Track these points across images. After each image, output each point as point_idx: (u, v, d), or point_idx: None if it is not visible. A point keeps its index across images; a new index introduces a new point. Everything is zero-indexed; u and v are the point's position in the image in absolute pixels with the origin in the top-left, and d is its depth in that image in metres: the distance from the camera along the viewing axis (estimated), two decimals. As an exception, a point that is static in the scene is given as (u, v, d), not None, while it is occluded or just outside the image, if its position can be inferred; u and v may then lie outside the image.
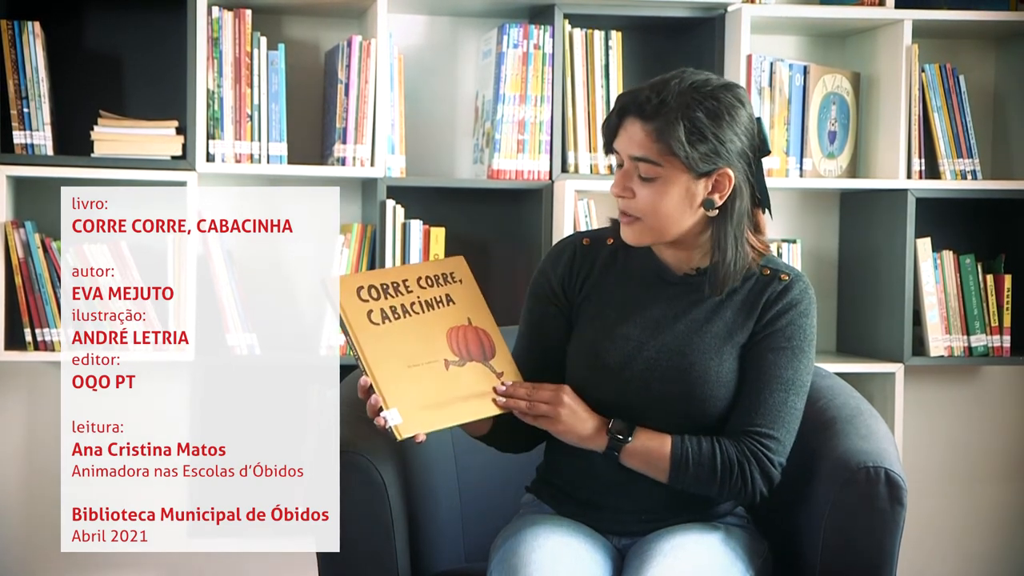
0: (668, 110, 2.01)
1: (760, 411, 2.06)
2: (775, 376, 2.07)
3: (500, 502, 2.37)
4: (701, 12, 3.35)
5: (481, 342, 2.09)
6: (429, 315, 2.06)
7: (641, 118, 2.02)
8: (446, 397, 2.02)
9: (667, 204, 2.04)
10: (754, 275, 2.12)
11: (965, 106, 3.43)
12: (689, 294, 2.12)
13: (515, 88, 3.25)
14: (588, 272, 2.17)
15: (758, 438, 2.06)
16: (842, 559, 2.08)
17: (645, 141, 2.02)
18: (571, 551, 2.02)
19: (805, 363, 2.10)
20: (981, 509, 3.74)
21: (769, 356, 2.08)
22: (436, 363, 2.04)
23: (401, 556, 2.13)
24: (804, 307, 2.10)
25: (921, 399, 3.68)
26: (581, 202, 3.23)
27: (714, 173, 2.04)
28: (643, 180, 2.04)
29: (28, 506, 3.34)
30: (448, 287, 2.10)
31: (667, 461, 2.04)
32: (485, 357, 2.08)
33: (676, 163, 2.02)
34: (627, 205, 2.07)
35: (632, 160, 2.04)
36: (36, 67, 3.07)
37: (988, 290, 3.44)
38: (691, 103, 2.01)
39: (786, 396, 2.08)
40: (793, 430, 2.10)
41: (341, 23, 3.40)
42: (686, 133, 2.00)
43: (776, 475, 2.07)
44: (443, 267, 2.12)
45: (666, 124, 2.00)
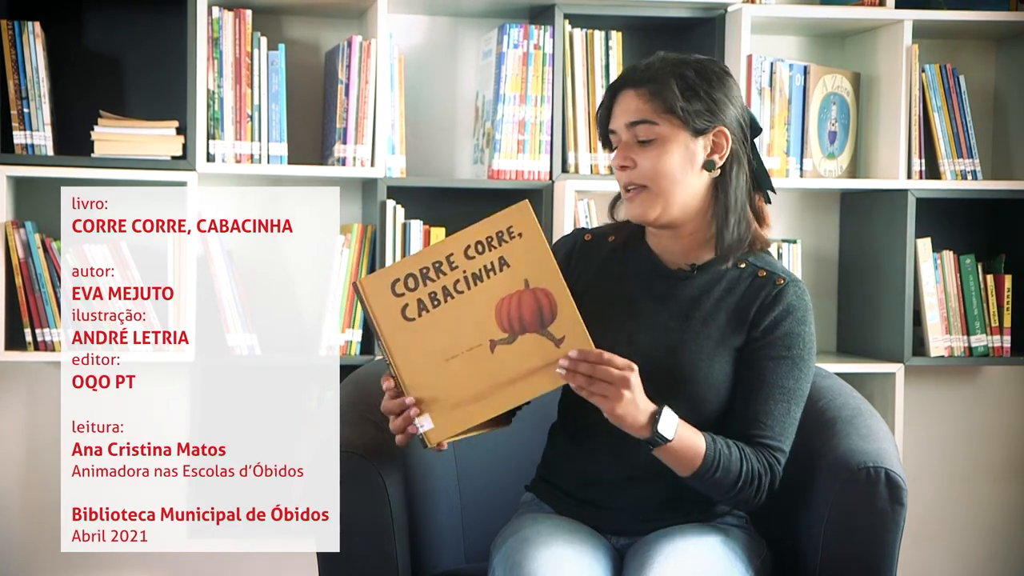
0: (657, 72, 2.08)
1: (768, 422, 2.07)
2: (778, 386, 2.08)
3: (500, 502, 2.37)
4: (701, 12, 3.35)
5: (539, 306, 1.92)
6: (476, 291, 1.92)
7: (633, 87, 2.09)
8: (486, 385, 1.93)
9: (669, 163, 2.07)
10: (751, 275, 2.12)
11: (965, 106, 3.43)
12: (683, 289, 2.13)
13: (515, 88, 3.25)
14: (586, 267, 2.19)
15: (773, 452, 2.07)
16: (842, 559, 2.08)
17: (640, 105, 2.07)
18: (573, 550, 2.02)
19: (806, 372, 2.11)
20: (981, 509, 3.74)
21: (770, 365, 2.08)
22: (479, 348, 1.93)
23: (401, 556, 2.13)
24: (801, 314, 2.10)
25: (921, 399, 3.67)
26: (581, 202, 3.23)
27: (711, 131, 2.09)
28: (642, 145, 2.08)
29: (28, 506, 3.34)
30: (503, 248, 1.93)
31: (698, 461, 2.01)
32: (543, 323, 1.93)
33: (673, 120, 2.07)
34: (630, 176, 2.09)
35: (629, 127, 2.08)
36: (36, 67, 3.07)
37: (988, 290, 3.44)
38: (680, 66, 2.09)
39: (788, 406, 2.08)
40: (792, 437, 2.11)
41: (341, 23, 3.40)
42: (679, 89, 2.06)
43: (776, 489, 2.09)
44: (501, 222, 1.93)
45: (659, 84, 2.07)
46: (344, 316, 3.22)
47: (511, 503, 2.31)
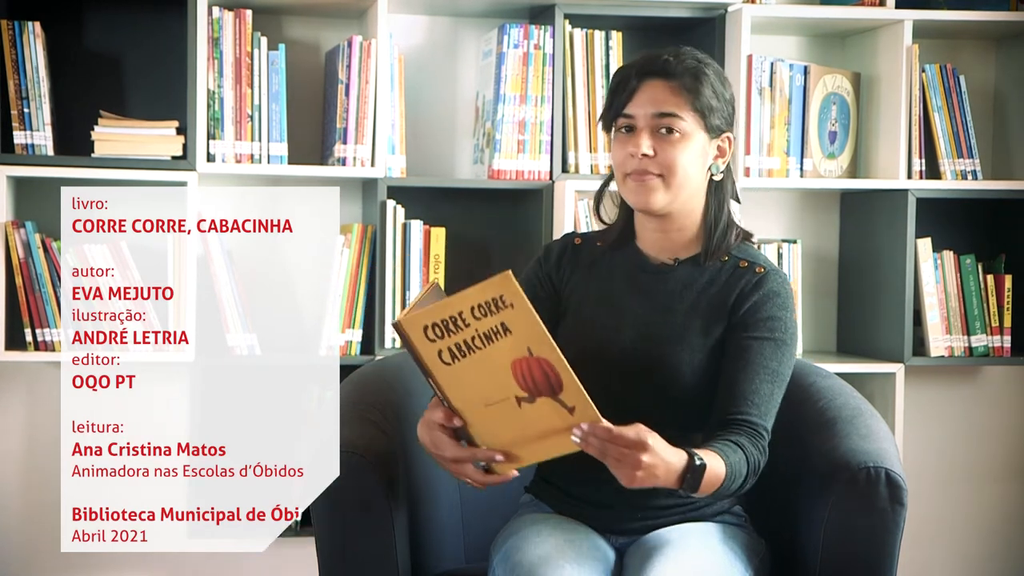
0: (694, 69, 2.10)
1: (756, 400, 2.07)
2: (763, 366, 2.08)
3: (500, 502, 2.37)
4: (701, 12, 3.35)
5: (547, 374, 1.92)
6: (491, 348, 1.92)
7: (666, 78, 2.10)
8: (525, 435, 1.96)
9: (687, 159, 2.10)
10: (732, 266, 2.13)
11: (965, 106, 3.43)
12: (665, 283, 2.15)
13: (515, 88, 3.25)
14: (575, 268, 2.23)
15: (761, 433, 2.06)
16: (842, 559, 2.08)
17: (669, 97, 2.09)
18: (574, 549, 2.02)
19: (788, 357, 2.12)
20: (981, 509, 3.74)
21: (754, 345, 2.09)
22: (509, 400, 1.94)
23: (401, 556, 2.13)
24: (783, 300, 2.12)
25: (921, 399, 3.67)
26: (581, 202, 3.23)
27: (723, 135, 2.14)
28: (664, 136, 2.09)
29: (28, 506, 3.34)
30: (501, 314, 1.91)
31: (719, 483, 1.99)
32: (553, 391, 1.93)
33: (697, 119, 2.10)
34: (646, 164, 2.10)
35: (655, 117, 2.09)
36: (36, 67, 3.07)
37: (988, 290, 3.44)
38: (706, 66, 2.12)
39: (772, 388, 2.09)
40: (772, 424, 2.11)
41: (341, 23, 3.40)
42: (713, 89, 2.11)
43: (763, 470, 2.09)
44: (491, 291, 1.91)
45: (695, 80, 2.09)
46: (344, 316, 3.22)
47: (511, 503, 2.31)
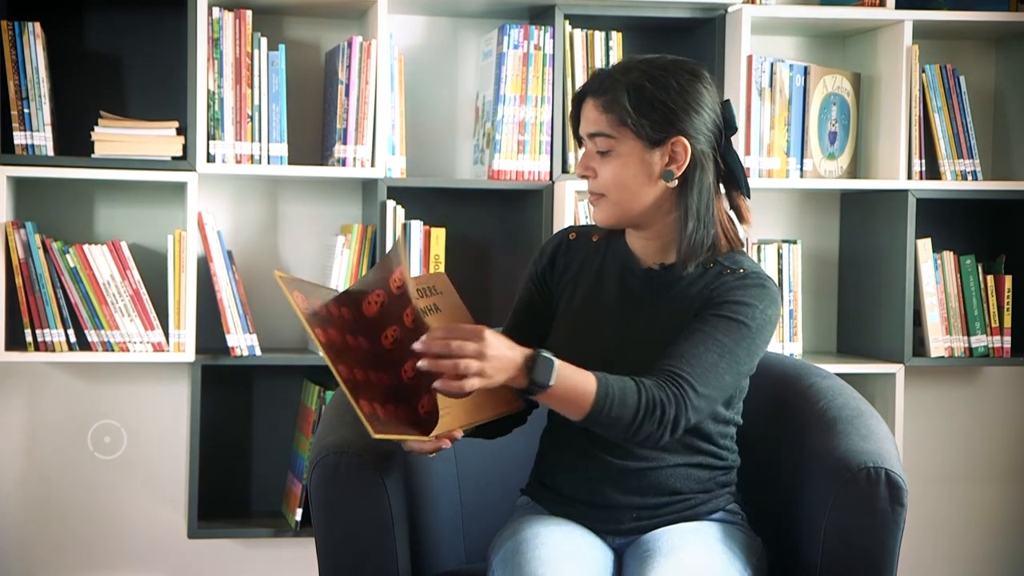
0: (614, 82, 2.08)
1: (686, 358, 2.00)
2: (713, 337, 2.03)
3: (500, 502, 2.37)
4: (701, 13, 3.35)
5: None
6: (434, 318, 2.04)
7: (593, 96, 2.10)
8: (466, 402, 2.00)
9: (625, 175, 2.08)
10: (716, 273, 2.11)
11: (965, 106, 3.43)
12: (650, 287, 2.14)
13: (515, 89, 3.25)
14: (568, 264, 2.23)
15: (680, 382, 1.99)
16: (842, 559, 2.08)
17: (597, 116, 2.09)
18: (573, 548, 2.02)
19: (748, 341, 2.05)
20: (981, 509, 3.74)
21: (711, 319, 2.04)
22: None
23: (401, 556, 2.13)
24: (759, 292, 2.07)
25: (922, 400, 3.68)
26: (581, 203, 3.23)
27: (667, 142, 2.07)
28: (601, 156, 2.10)
29: (28, 506, 3.34)
30: (434, 298, 2.09)
31: (590, 400, 1.95)
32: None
33: (627, 132, 2.07)
34: (591, 185, 2.13)
35: (590, 138, 2.11)
36: (36, 67, 3.07)
37: (988, 291, 3.44)
38: (639, 75, 2.08)
39: (718, 360, 2.02)
40: (716, 397, 2.04)
41: (341, 24, 3.40)
42: (631, 100, 2.06)
43: (683, 427, 2.00)
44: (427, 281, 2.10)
45: (613, 95, 2.07)
46: (344, 316, 3.22)
47: (511, 504, 2.31)
